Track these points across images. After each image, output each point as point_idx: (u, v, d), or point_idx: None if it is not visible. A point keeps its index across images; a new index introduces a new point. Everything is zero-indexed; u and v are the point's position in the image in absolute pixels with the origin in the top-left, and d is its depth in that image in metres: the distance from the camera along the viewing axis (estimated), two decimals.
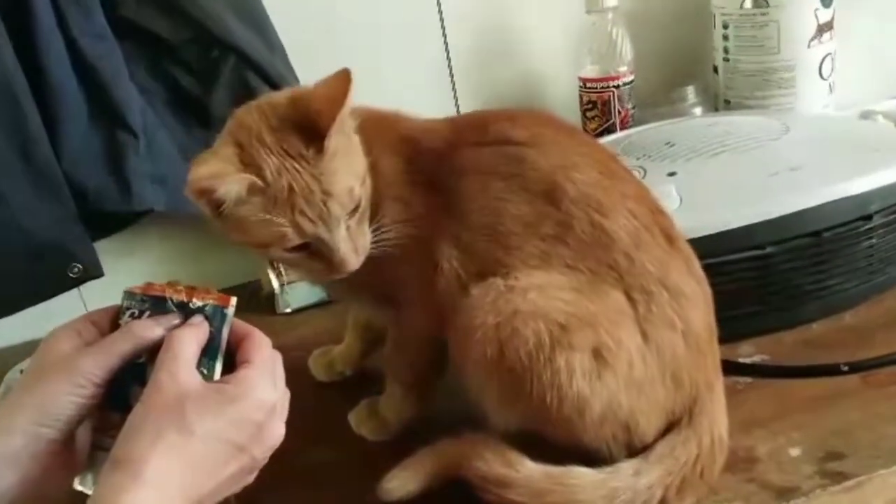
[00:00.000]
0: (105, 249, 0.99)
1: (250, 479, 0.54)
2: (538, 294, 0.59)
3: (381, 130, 0.65)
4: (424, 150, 0.65)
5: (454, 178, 0.63)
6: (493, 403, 0.61)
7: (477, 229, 0.62)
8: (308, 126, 0.57)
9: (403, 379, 0.70)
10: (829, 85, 1.10)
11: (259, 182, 0.55)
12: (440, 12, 1.12)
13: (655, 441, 0.60)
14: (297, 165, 0.56)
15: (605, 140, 1.02)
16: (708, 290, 0.64)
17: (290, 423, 0.56)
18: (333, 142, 0.57)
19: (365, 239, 0.61)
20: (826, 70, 1.09)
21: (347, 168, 0.59)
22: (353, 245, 0.59)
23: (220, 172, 0.55)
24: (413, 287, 0.65)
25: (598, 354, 0.58)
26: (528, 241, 0.61)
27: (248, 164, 0.56)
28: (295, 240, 0.57)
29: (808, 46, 1.06)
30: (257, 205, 0.56)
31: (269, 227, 0.56)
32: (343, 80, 0.57)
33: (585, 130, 1.14)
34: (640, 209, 0.62)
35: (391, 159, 0.65)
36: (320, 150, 0.56)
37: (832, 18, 1.07)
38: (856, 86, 1.19)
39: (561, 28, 1.16)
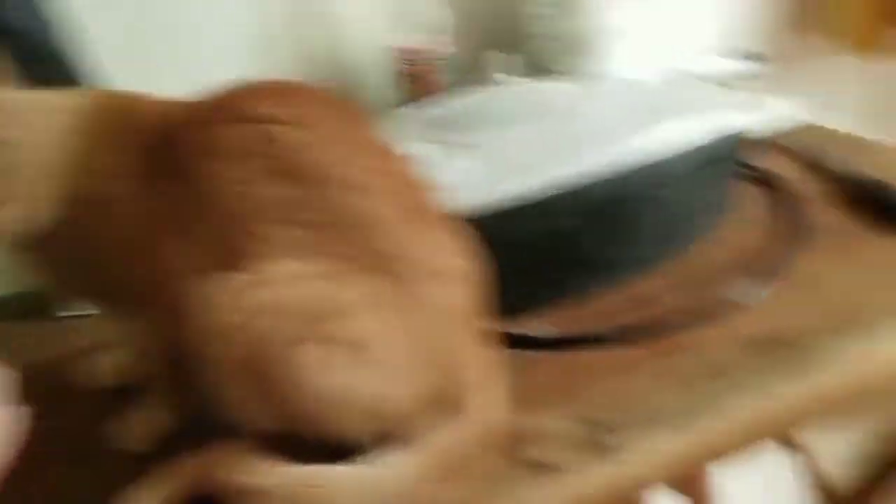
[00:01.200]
0: None
1: None
2: (284, 286, 0.54)
3: (110, 120, 0.58)
4: (155, 136, 0.57)
5: (186, 162, 0.56)
6: (239, 407, 0.55)
7: (211, 218, 0.55)
8: None
9: (153, 388, 0.64)
10: (638, 48, 1.10)
11: None
12: None
13: (420, 430, 0.57)
14: None
15: (409, 112, 0.97)
16: (477, 267, 0.60)
17: (39, 440, 0.50)
18: None
19: None
20: (635, 33, 1.08)
21: None
22: None
23: None
24: (137, 289, 0.58)
25: (352, 345, 0.54)
26: (272, 228, 0.55)
27: None
28: None
29: (619, 9, 1.05)
30: None
31: None
32: None
33: (400, 103, 1.09)
34: (402, 188, 0.58)
35: (111, 151, 0.57)
36: None
37: None
38: (666, 47, 1.19)
39: None
